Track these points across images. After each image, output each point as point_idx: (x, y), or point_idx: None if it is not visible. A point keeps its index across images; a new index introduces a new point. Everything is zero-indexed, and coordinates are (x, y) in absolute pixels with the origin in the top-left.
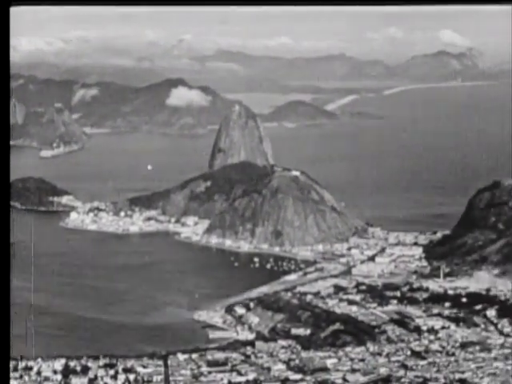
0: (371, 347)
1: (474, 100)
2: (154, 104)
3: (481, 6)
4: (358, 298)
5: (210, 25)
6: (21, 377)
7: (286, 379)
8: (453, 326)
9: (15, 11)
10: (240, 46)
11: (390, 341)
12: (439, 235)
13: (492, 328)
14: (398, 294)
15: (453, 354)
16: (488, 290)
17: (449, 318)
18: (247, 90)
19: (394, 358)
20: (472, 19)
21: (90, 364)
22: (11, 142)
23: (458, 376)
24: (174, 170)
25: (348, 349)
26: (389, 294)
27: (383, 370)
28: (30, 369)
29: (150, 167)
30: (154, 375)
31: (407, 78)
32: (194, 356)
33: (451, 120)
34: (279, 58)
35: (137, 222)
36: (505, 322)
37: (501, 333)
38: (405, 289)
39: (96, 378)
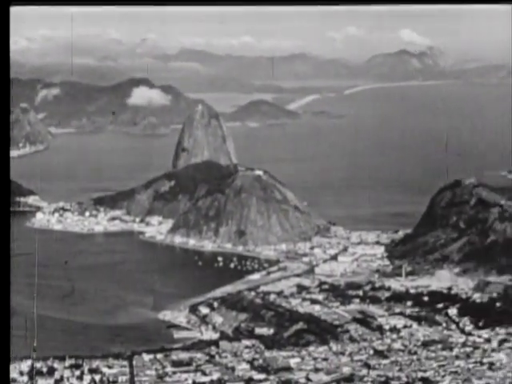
0: (334, 346)
1: (435, 99)
2: (119, 103)
3: (440, 6)
4: (320, 297)
5: (174, 24)
6: None
7: (250, 379)
8: (415, 325)
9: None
10: (203, 45)
11: (352, 340)
12: (401, 234)
13: (453, 326)
14: (361, 293)
15: (415, 353)
16: (449, 288)
17: (411, 317)
18: (210, 90)
19: (356, 357)
20: (431, 19)
21: (55, 365)
22: None
23: (420, 375)
24: (138, 169)
25: (311, 348)
26: (351, 293)
27: (346, 370)
28: None
29: None
30: (120, 376)
31: (368, 77)
32: (159, 356)
33: (412, 119)
34: (242, 57)
35: (102, 222)
36: (466, 320)
37: (462, 331)
38: (367, 288)
39: (62, 379)
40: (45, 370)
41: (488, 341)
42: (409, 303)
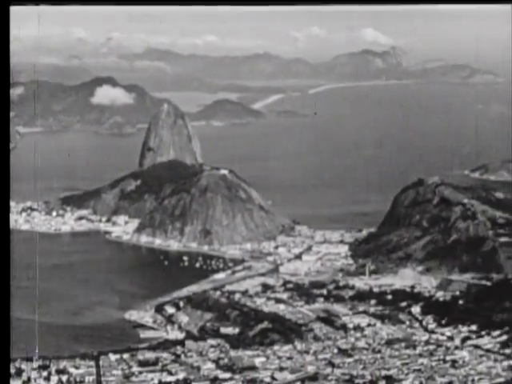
0: (299, 345)
1: (399, 98)
2: (85, 103)
3: (401, 6)
4: (285, 296)
5: (139, 23)
6: None
7: (216, 378)
8: (378, 324)
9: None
10: (168, 45)
11: (317, 339)
12: (364, 233)
13: (417, 325)
14: (325, 292)
15: (379, 351)
16: (413, 287)
17: (374, 316)
18: (176, 89)
19: (321, 356)
20: (393, 19)
21: (23, 366)
22: None
23: (383, 373)
24: (104, 168)
25: (276, 347)
26: (315, 292)
27: (310, 368)
28: None
29: None
30: (86, 376)
31: (332, 76)
32: (126, 356)
33: (376, 118)
34: (207, 56)
35: (68, 222)
36: (429, 318)
37: (425, 329)
38: (331, 287)
39: (29, 380)
40: (12, 371)
41: (451, 339)
42: (372, 302)
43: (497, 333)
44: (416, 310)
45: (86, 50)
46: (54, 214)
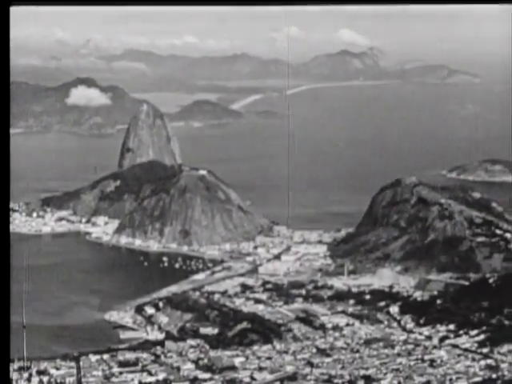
0: (278, 345)
1: (376, 99)
2: (65, 104)
3: (376, 7)
4: (264, 296)
5: (118, 24)
6: None
7: (195, 378)
8: (357, 323)
9: (14, 11)
10: (148, 46)
11: (295, 339)
12: (343, 233)
13: (395, 324)
14: (304, 292)
15: (357, 351)
16: (391, 286)
17: (353, 316)
18: (155, 90)
19: (299, 356)
20: (370, 20)
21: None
22: None
23: (362, 372)
24: (84, 169)
25: (255, 347)
26: (294, 292)
27: (289, 368)
28: None
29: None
30: (67, 377)
31: (310, 77)
32: (106, 357)
33: (354, 118)
34: (186, 57)
35: (49, 223)
36: (407, 318)
37: (403, 329)
38: (310, 287)
39: (11, 381)
40: None
41: (429, 338)
42: (351, 302)
43: (474, 332)
44: (394, 309)
45: (65, 51)
46: (35, 215)
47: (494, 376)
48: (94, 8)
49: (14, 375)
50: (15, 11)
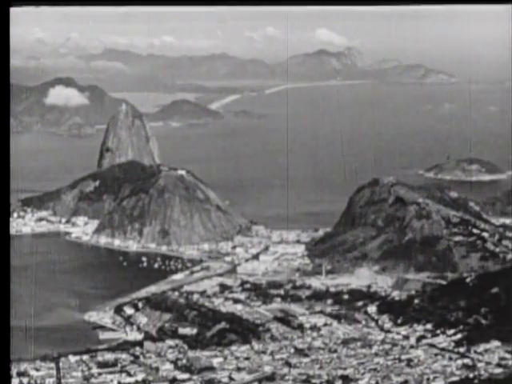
0: (256, 345)
1: (353, 98)
2: (45, 104)
3: (354, 7)
4: (242, 296)
5: (97, 23)
6: None
7: (174, 379)
8: (335, 323)
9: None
10: (126, 45)
11: (274, 339)
12: (321, 233)
13: (373, 324)
14: (282, 292)
15: (335, 351)
16: (369, 286)
17: (331, 315)
18: (134, 89)
19: (278, 356)
20: (347, 19)
21: None
22: None
23: (340, 372)
24: (64, 169)
25: (233, 347)
26: (273, 292)
27: (268, 368)
28: None
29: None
30: (47, 378)
31: (288, 77)
32: (85, 357)
33: (332, 118)
34: (164, 56)
35: (29, 223)
36: (385, 317)
37: (381, 329)
38: (288, 287)
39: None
40: None
41: (406, 338)
42: (329, 301)
43: (451, 331)
44: (372, 309)
45: (45, 50)
46: (15, 215)
47: (470, 375)
48: (73, 8)
49: None
50: None
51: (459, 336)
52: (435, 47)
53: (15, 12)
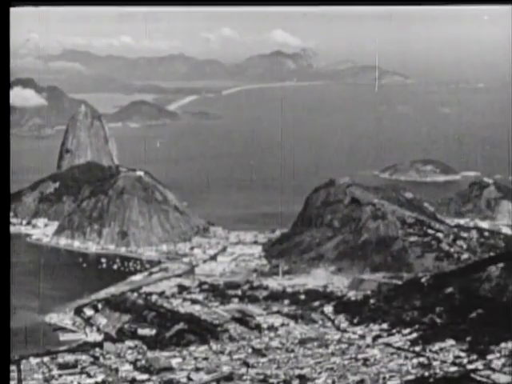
0: (214, 346)
1: (309, 99)
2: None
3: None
4: (200, 297)
5: (57, 24)
6: None
7: (134, 380)
8: (292, 323)
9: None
10: (85, 46)
11: (232, 339)
12: (278, 233)
13: (329, 324)
14: (239, 292)
15: (292, 351)
16: (325, 286)
17: (288, 316)
18: (92, 90)
19: (235, 356)
20: (303, 20)
21: None
22: None
23: (297, 372)
24: (24, 171)
25: (192, 348)
26: (230, 292)
27: (226, 368)
28: None
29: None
30: None
31: (245, 77)
32: (46, 359)
33: (288, 119)
34: (122, 57)
35: None
36: (341, 317)
37: (338, 328)
38: (245, 287)
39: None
40: None
41: (362, 337)
42: (286, 302)
43: (407, 331)
44: (328, 309)
45: None
46: None
47: (426, 374)
48: (31, 8)
49: None
50: None
51: (415, 335)
52: (391, 49)
53: None
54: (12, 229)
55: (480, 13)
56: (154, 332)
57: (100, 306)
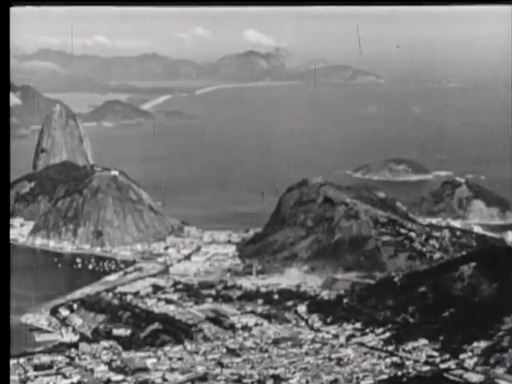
0: (189, 346)
1: (281, 99)
2: None
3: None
4: (175, 297)
5: (31, 23)
6: None
7: (109, 380)
8: (266, 323)
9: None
10: (60, 45)
11: (206, 339)
12: (251, 233)
13: (303, 323)
14: (213, 292)
15: (266, 351)
16: (298, 286)
17: (262, 315)
18: (67, 90)
19: (210, 356)
20: (276, 20)
21: None
22: None
23: (271, 372)
24: None
25: (167, 348)
26: (204, 292)
27: (200, 369)
28: None
29: None
30: None
31: (218, 77)
32: (22, 360)
33: (260, 119)
34: (97, 57)
35: None
36: (315, 317)
37: (311, 328)
38: (219, 287)
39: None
40: None
41: (336, 337)
42: (260, 301)
43: (380, 330)
44: (302, 308)
45: None
46: None
47: (399, 373)
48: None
49: None
50: None
51: (388, 335)
52: (364, 48)
53: None
54: None
55: (457, 12)
56: (128, 332)
57: (75, 306)
